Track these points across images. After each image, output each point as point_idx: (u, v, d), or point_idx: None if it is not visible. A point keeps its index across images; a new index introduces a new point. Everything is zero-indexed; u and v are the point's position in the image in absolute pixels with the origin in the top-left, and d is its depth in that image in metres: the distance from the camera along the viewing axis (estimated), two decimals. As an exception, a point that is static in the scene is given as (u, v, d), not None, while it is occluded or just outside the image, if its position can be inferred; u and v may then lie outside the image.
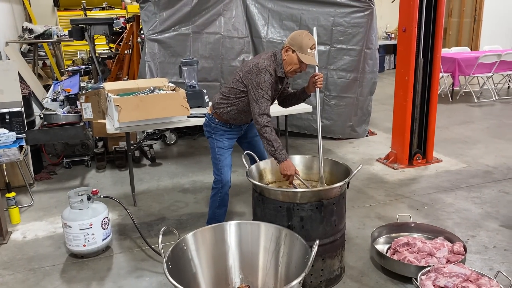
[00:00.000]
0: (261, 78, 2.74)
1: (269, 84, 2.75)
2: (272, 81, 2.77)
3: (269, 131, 2.70)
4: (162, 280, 2.80)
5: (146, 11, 5.04)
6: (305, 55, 2.71)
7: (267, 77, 2.74)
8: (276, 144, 2.69)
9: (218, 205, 3.12)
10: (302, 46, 2.70)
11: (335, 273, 2.71)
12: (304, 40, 2.71)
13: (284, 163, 2.70)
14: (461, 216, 3.54)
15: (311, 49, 2.72)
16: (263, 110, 2.72)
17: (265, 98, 2.74)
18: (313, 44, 2.72)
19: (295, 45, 2.72)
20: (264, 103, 2.73)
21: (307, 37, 2.73)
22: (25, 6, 8.68)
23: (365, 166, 4.67)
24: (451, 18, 10.78)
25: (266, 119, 2.72)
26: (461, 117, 6.65)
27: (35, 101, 5.28)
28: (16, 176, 4.17)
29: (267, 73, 2.74)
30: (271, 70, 2.76)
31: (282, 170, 2.70)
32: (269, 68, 2.76)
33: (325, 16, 5.25)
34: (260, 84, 2.73)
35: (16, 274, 2.94)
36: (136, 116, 3.47)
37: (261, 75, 2.74)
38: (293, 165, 2.71)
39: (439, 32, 4.36)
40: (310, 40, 2.72)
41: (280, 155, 2.70)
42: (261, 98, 2.73)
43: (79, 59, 8.62)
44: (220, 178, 3.06)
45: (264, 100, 2.74)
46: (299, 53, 2.71)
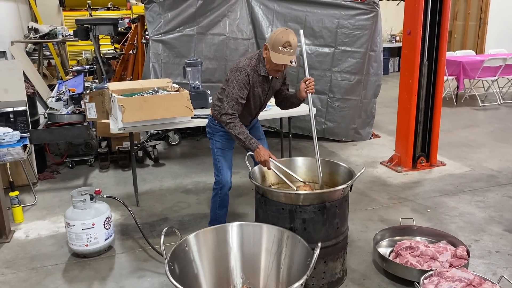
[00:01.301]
0: (235, 76, 2.74)
1: (242, 84, 2.73)
2: (247, 80, 2.74)
3: (232, 127, 2.74)
4: (164, 280, 2.80)
5: (151, 12, 5.05)
6: (276, 53, 2.62)
7: (241, 76, 2.72)
8: (243, 136, 2.74)
9: (219, 206, 3.13)
10: (274, 43, 2.62)
11: (337, 276, 2.70)
12: (277, 38, 2.61)
13: (256, 150, 2.74)
14: (465, 220, 3.53)
15: (283, 47, 2.60)
16: (226, 109, 2.74)
17: (234, 96, 2.74)
18: (285, 42, 2.60)
19: (269, 43, 2.66)
20: (231, 102, 2.74)
21: (281, 34, 2.61)
22: (31, 6, 8.71)
23: (369, 168, 4.66)
24: (456, 21, 10.74)
25: (228, 117, 2.74)
26: (465, 121, 6.62)
27: (39, 101, 5.31)
28: (19, 175, 4.19)
29: (243, 72, 2.73)
30: (248, 69, 2.74)
31: (257, 158, 2.74)
32: (246, 67, 2.74)
33: (330, 18, 5.24)
34: (233, 82, 2.74)
35: (18, 273, 2.94)
36: (140, 117, 3.48)
37: (236, 73, 2.74)
38: (266, 150, 2.75)
39: (444, 35, 4.35)
40: (283, 38, 2.60)
41: (251, 144, 2.74)
42: (230, 96, 2.74)
43: (84, 59, 8.64)
44: (219, 179, 3.05)
45: (232, 98, 2.74)
46: (271, 51, 2.64)
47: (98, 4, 9.28)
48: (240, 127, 2.75)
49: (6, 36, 6.64)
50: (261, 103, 2.97)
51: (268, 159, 2.74)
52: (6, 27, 6.76)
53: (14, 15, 7.49)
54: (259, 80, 2.81)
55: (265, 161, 2.73)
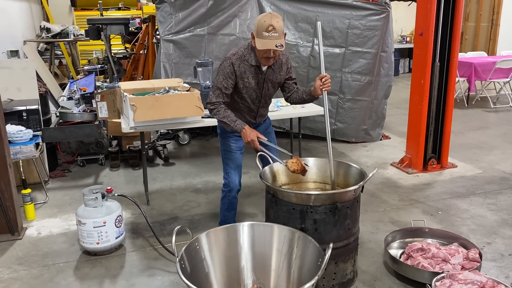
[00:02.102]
0: (221, 66, 2.74)
1: (226, 73, 2.70)
2: (231, 70, 2.70)
3: (216, 112, 2.73)
4: (174, 279, 2.81)
5: (162, 12, 5.08)
6: (260, 39, 2.53)
7: (226, 65, 2.71)
8: (227, 119, 2.71)
9: (227, 208, 3.10)
10: (258, 29, 2.54)
11: (347, 277, 2.69)
12: (259, 23, 2.53)
13: (243, 131, 2.69)
14: (476, 223, 3.49)
15: (267, 32, 2.49)
16: (210, 98, 2.74)
17: (218, 86, 2.72)
18: (269, 26, 2.48)
19: (255, 30, 2.58)
20: (216, 91, 2.73)
21: (264, 19, 2.52)
22: (43, 6, 8.80)
23: (379, 170, 4.63)
24: (468, 22, 10.65)
25: (211, 106, 2.73)
26: (477, 123, 6.56)
27: (51, 99, 5.36)
28: (31, 173, 4.23)
29: (227, 61, 2.71)
30: (233, 58, 2.71)
31: (244, 138, 2.70)
32: (232, 56, 2.72)
33: (341, 18, 5.23)
34: (219, 72, 2.73)
35: (30, 269, 2.97)
36: (151, 116, 3.49)
37: (222, 63, 2.73)
38: (253, 130, 2.71)
39: (456, 36, 4.31)
40: (265, 22, 2.50)
41: (236, 126, 2.70)
42: (215, 86, 2.74)
43: (95, 58, 8.71)
44: (227, 181, 3.03)
45: (216, 88, 2.73)
46: (256, 38, 2.56)
47: (109, 4, 9.35)
48: (224, 111, 2.72)
49: (19, 35, 6.71)
50: (258, 96, 2.85)
51: (256, 139, 2.68)
52: (19, 26, 6.84)
53: (27, 15, 7.58)
54: (250, 70, 2.73)
55: (253, 141, 2.67)
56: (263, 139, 2.71)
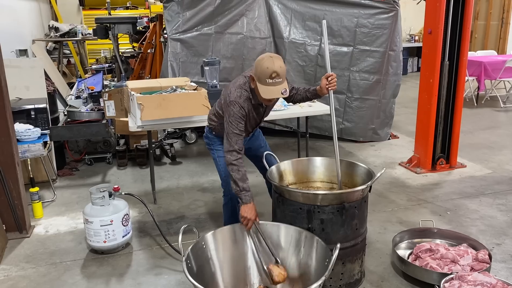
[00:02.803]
0: (230, 111, 2.54)
1: (238, 117, 2.53)
2: (243, 112, 2.55)
3: (235, 170, 2.49)
4: (181, 278, 2.81)
5: (170, 11, 5.08)
6: (264, 86, 2.42)
7: (236, 110, 2.52)
8: (242, 184, 2.49)
9: (231, 215, 3.04)
10: (260, 76, 2.42)
11: (355, 278, 2.67)
12: (262, 68, 2.40)
13: (247, 205, 2.46)
14: (486, 223, 3.45)
15: (270, 79, 2.39)
16: (232, 146, 2.52)
17: (235, 132, 2.52)
18: (272, 72, 2.38)
19: (256, 74, 2.45)
20: (234, 138, 2.52)
21: (266, 64, 2.39)
22: (51, 5, 8.85)
23: (387, 170, 4.60)
24: (477, 21, 10.55)
25: (235, 156, 2.51)
26: (486, 122, 6.49)
27: (59, 98, 5.39)
28: (39, 172, 4.25)
29: (236, 106, 2.53)
30: (241, 101, 2.54)
31: (243, 212, 2.45)
32: (238, 99, 2.54)
33: (349, 17, 5.19)
34: (230, 118, 2.54)
35: (38, 267, 2.98)
36: (158, 115, 3.49)
37: (230, 108, 2.54)
38: (255, 211, 2.46)
39: (466, 35, 4.27)
40: (268, 69, 2.38)
41: (245, 196, 2.48)
42: (231, 132, 2.53)
43: (103, 57, 8.74)
44: (226, 189, 2.97)
45: (233, 135, 2.52)
46: (258, 83, 2.44)
47: (117, 3, 9.37)
48: (243, 174, 2.50)
49: (28, 34, 6.76)
50: (256, 122, 2.83)
51: (253, 220, 2.44)
52: (27, 25, 6.88)
53: (36, 14, 7.62)
54: (253, 106, 2.64)
55: (249, 220, 2.43)
56: (258, 223, 2.48)
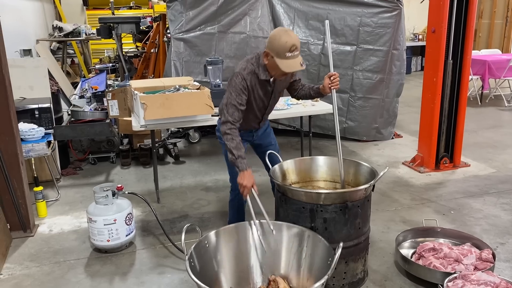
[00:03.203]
0: (232, 82, 2.59)
1: (239, 89, 2.56)
2: (245, 84, 2.58)
3: (229, 139, 2.52)
4: (184, 277, 2.81)
5: (173, 10, 5.08)
6: (284, 60, 2.44)
7: (238, 81, 2.57)
8: (237, 152, 2.50)
9: (237, 211, 3.08)
10: (279, 50, 2.43)
11: (358, 277, 2.67)
12: (280, 43, 2.42)
13: (243, 172, 2.49)
14: (490, 223, 3.44)
15: (290, 52, 2.42)
16: (226, 117, 2.55)
17: (233, 103, 2.55)
18: (292, 45, 2.41)
19: (272, 49, 2.46)
20: (230, 109, 2.55)
21: (284, 38, 2.42)
22: (55, 5, 8.88)
23: (391, 169, 4.59)
24: (481, 19, 10.51)
25: (228, 126, 2.54)
26: (490, 121, 6.47)
27: (63, 98, 5.40)
28: (43, 171, 4.27)
29: (239, 77, 2.57)
30: (244, 73, 2.58)
31: (240, 179, 2.49)
32: (242, 71, 2.59)
33: (352, 16, 5.18)
34: (230, 88, 2.58)
35: (42, 266, 3.00)
36: (161, 114, 3.50)
37: (233, 78, 2.59)
38: (252, 178, 2.49)
39: (470, 33, 4.25)
40: (287, 42, 2.41)
41: (241, 164, 2.50)
42: (229, 103, 2.56)
43: (106, 57, 8.77)
44: (234, 186, 2.99)
45: (231, 106, 2.56)
46: (277, 58, 2.45)
47: (120, 3, 9.41)
48: (238, 143, 2.53)
49: (32, 34, 6.79)
50: (265, 105, 2.81)
51: (250, 187, 2.48)
52: (31, 25, 6.91)
53: (40, 14, 7.65)
54: (258, 83, 2.64)
55: (245, 186, 2.46)
56: (255, 191, 2.52)
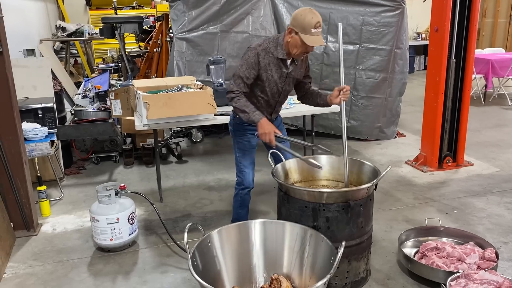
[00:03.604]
0: (245, 55, 2.70)
1: (250, 63, 2.66)
2: (255, 60, 2.66)
3: (236, 100, 2.66)
4: (187, 276, 2.82)
5: (175, 10, 5.09)
6: (308, 35, 2.53)
7: (251, 55, 2.67)
8: (247, 108, 2.64)
9: (240, 206, 3.10)
10: (304, 26, 2.52)
11: (360, 276, 2.67)
12: (306, 19, 2.52)
13: (260, 122, 2.61)
14: (493, 222, 3.43)
15: (315, 28, 2.52)
16: (231, 87, 2.68)
17: (240, 75, 2.67)
18: (317, 22, 2.52)
19: (297, 26, 2.55)
20: (237, 80, 2.68)
21: (310, 15, 2.53)
22: (58, 5, 8.90)
23: (393, 168, 4.58)
24: (485, 18, 10.47)
25: (234, 94, 2.67)
26: (494, 120, 6.45)
27: (66, 98, 5.42)
28: (47, 170, 4.28)
29: (253, 51, 2.67)
30: (259, 49, 2.67)
31: (260, 129, 2.61)
32: (257, 47, 2.68)
33: (355, 15, 5.18)
34: (242, 61, 2.70)
35: (45, 265, 3.01)
36: (164, 113, 3.50)
37: (247, 53, 2.70)
38: (271, 124, 2.64)
39: (473, 32, 4.24)
40: (313, 19, 2.51)
41: (255, 116, 2.62)
42: (237, 74, 2.69)
43: (109, 57, 8.78)
44: (241, 180, 3.02)
45: (238, 77, 2.68)
46: (302, 34, 2.53)
47: (123, 3, 9.41)
48: (245, 101, 2.67)
49: (35, 34, 6.80)
50: (278, 90, 2.83)
51: (273, 132, 2.61)
52: (35, 26, 6.93)
53: (43, 14, 7.67)
54: (273, 62, 2.71)
55: (269, 133, 2.59)
56: (279, 134, 2.66)
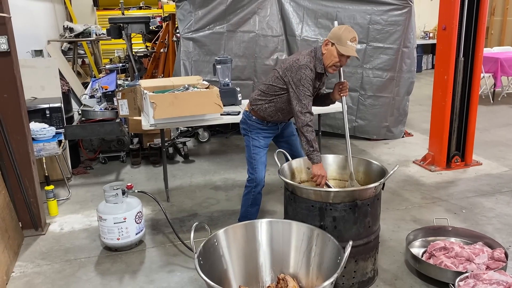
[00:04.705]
0: (301, 74, 2.71)
1: (310, 80, 2.72)
2: (313, 76, 2.74)
3: (310, 131, 2.69)
4: (193, 275, 2.82)
5: (182, 10, 5.10)
6: (344, 47, 2.66)
7: (308, 73, 2.71)
8: (315, 145, 2.70)
9: (251, 204, 3.12)
10: (341, 38, 2.66)
11: (368, 276, 2.65)
12: (343, 33, 2.67)
13: (317, 164, 2.70)
14: (502, 222, 3.40)
15: (351, 42, 2.66)
16: (305, 108, 2.70)
17: (307, 94, 2.71)
18: (353, 37, 2.67)
19: (334, 38, 2.69)
20: (306, 100, 2.71)
21: (347, 30, 2.69)
22: (66, 6, 8.96)
23: (401, 167, 4.55)
24: (493, 16, 10.38)
25: (309, 117, 2.70)
26: (503, 119, 6.38)
27: (73, 98, 5.45)
28: (54, 170, 4.31)
29: (308, 69, 2.71)
30: (311, 66, 2.74)
31: (316, 171, 2.70)
32: (309, 64, 2.73)
33: (362, 14, 5.15)
34: (301, 81, 2.70)
35: (53, 264, 3.03)
36: (171, 113, 3.51)
37: (301, 71, 2.71)
38: (324, 170, 2.73)
39: (482, 31, 4.20)
40: (350, 33, 2.67)
41: (317, 157, 2.70)
42: (303, 95, 2.71)
43: (116, 57, 8.81)
44: (254, 177, 3.04)
45: (306, 97, 2.71)
46: (338, 45, 2.66)
47: (130, 3, 9.44)
48: (315, 135, 2.73)
49: (43, 35, 6.85)
50: None
51: (326, 177, 2.72)
52: (43, 26, 6.98)
53: (51, 15, 7.72)
54: (315, 77, 2.81)
55: (323, 176, 2.69)
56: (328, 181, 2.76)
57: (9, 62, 3.14)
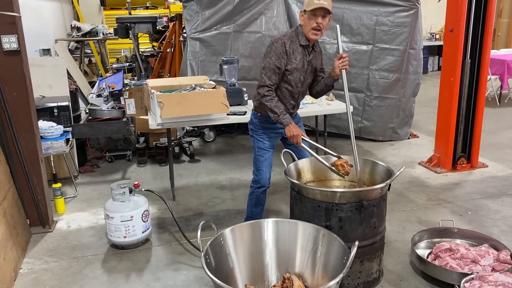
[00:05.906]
0: (271, 48, 2.76)
1: (279, 53, 2.73)
2: (283, 49, 2.74)
3: (269, 100, 2.74)
4: (199, 274, 2.84)
5: (189, 10, 5.12)
6: (311, 6, 2.65)
7: (277, 45, 2.74)
8: (278, 110, 2.73)
9: (255, 204, 3.13)
10: (308, 2, 2.67)
11: (373, 276, 2.66)
12: None
13: (289, 126, 2.73)
14: (508, 224, 3.39)
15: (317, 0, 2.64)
16: (264, 81, 2.75)
17: (271, 67, 2.74)
18: None
19: (304, 6, 2.72)
20: (268, 73, 2.74)
21: None
22: (74, 6, 9.01)
23: (407, 169, 4.55)
24: (501, 18, 10.34)
25: (266, 89, 2.74)
26: (509, 122, 6.36)
27: (81, 97, 5.48)
28: (62, 168, 4.34)
29: (279, 42, 2.75)
30: (284, 38, 2.76)
31: (288, 132, 2.73)
32: (282, 37, 2.78)
33: (368, 15, 5.16)
34: (269, 54, 2.76)
35: (60, 261, 3.05)
36: (178, 113, 3.53)
37: (273, 45, 2.77)
38: (298, 128, 2.76)
39: (489, 32, 4.19)
40: None
41: (284, 119, 2.73)
42: (268, 67, 2.74)
43: (123, 56, 8.86)
44: (258, 178, 3.05)
45: (269, 69, 2.74)
46: (306, 8, 2.68)
47: (137, 3, 9.49)
48: (277, 102, 2.76)
49: (51, 34, 6.89)
50: (301, 80, 2.89)
51: (300, 135, 2.73)
52: (50, 25, 7.02)
53: (58, 15, 7.77)
54: (297, 50, 2.80)
55: (297, 135, 2.72)
56: (306, 138, 2.78)
57: (19, 61, 3.17)
